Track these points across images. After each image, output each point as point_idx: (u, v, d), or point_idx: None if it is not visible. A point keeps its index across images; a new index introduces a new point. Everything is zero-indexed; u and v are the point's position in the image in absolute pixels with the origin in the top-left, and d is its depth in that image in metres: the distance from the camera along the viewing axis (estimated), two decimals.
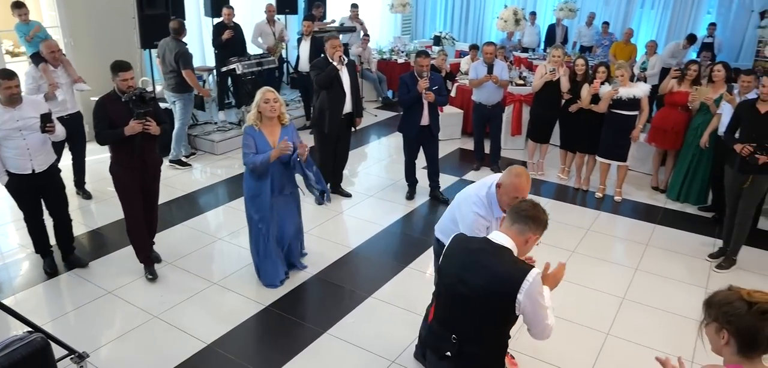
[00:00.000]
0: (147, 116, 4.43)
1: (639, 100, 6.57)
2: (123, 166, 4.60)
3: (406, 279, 5.03)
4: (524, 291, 2.33)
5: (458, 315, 2.51)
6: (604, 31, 12.47)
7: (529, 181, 3.15)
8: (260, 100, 4.39)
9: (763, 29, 11.13)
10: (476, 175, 7.62)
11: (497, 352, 2.57)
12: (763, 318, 1.79)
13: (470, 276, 2.45)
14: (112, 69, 4.48)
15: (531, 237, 2.52)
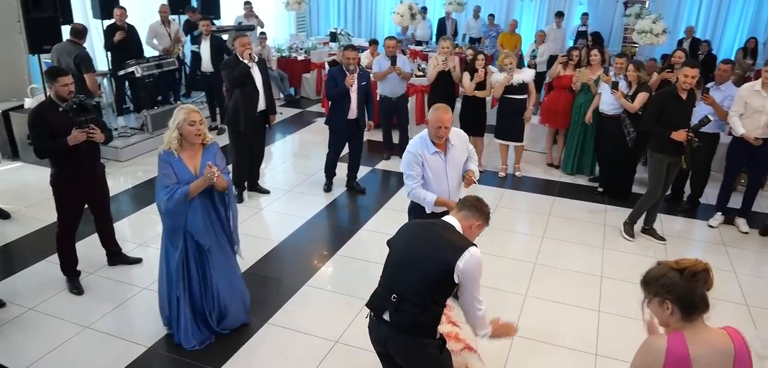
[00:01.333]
0: (89, 124, 4.24)
1: (527, 84, 7.20)
2: (68, 178, 4.40)
3: (336, 265, 5.23)
4: (465, 259, 2.61)
5: (402, 276, 2.71)
6: (490, 23, 13.27)
7: (447, 112, 3.82)
8: (183, 121, 3.65)
9: (627, 18, 12.35)
10: (387, 164, 7.94)
11: (430, 316, 2.72)
12: (694, 279, 2.03)
13: (420, 241, 2.74)
14: (49, 75, 4.30)
15: (474, 223, 2.84)
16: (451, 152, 4.01)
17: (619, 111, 6.81)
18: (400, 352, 2.77)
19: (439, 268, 2.64)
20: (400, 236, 2.89)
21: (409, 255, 2.73)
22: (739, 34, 12.95)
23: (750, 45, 11.06)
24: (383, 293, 2.77)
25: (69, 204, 4.51)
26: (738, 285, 5.10)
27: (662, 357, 2.02)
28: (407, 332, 2.70)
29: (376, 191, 7.14)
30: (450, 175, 4.03)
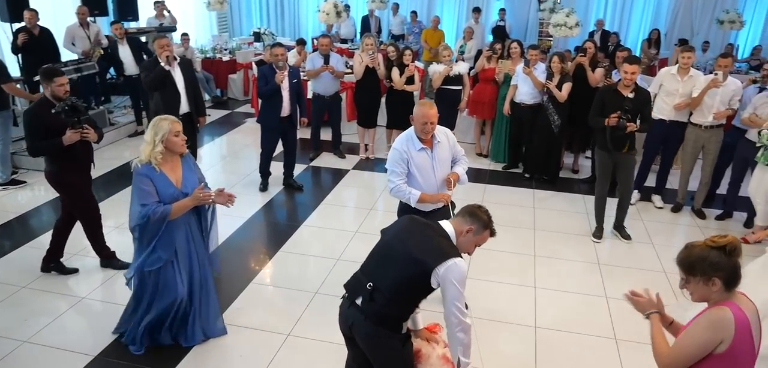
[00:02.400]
0: (83, 124, 4.37)
1: (462, 76, 7.49)
2: (72, 171, 4.55)
3: (279, 262, 5.26)
4: (446, 267, 2.62)
5: (381, 268, 2.76)
6: (412, 20, 13.57)
7: (432, 107, 3.82)
8: (168, 132, 3.52)
9: (542, 12, 12.97)
10: (320, 160, 8.01)
11: (399, 312, 2.78)
12: (734, 253, 2.24)
13: (408, 238, 2.77)
14: (45, 75, 4.40)
15: (464, 228, 2.83)
16: (438, 149, 3.96)
17: (538, 100, 7.25)
18: (363, 339, 2.82)
19: (418, 270, 2.67)
20: (393, 227, 2.93)
21: (393, 248, 2.78)
22: (642, 25, 13.91)
23: (653, 36, 11.91)
24: (361, 278, 2.81)
25: (82, 193, 4.69)
26: (656, 254, 5.57)
27: (732, 326, 2.15)
28: (374, 321, 2.73)
29: (313, 187, 7.20)
30: (437, 171, 3.96)
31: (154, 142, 3.50)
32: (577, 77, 7.10)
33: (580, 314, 4.49)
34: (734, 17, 12.19)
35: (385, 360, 2.84)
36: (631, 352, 4.10)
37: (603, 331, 4.34)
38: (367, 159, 8.12)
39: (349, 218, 6.33)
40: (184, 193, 3.61)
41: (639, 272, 5.25)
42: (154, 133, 3.52)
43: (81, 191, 4.68)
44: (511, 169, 7.78)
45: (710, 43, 12.49)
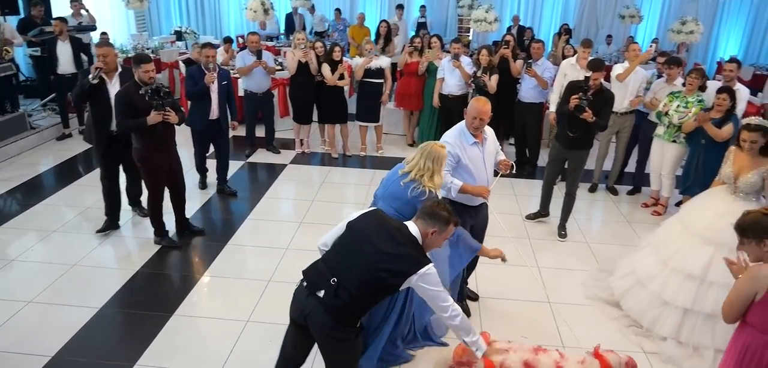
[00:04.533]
0: (165, 107, 4.87)
1: (384, 69, 7.82)
2: (150, 150, 5.05)
3: (230, 253, 5.37)
4: (419, 275, 2.72)
5: (348, 266, 2.76)
6: (337, 17, 13.78)
7: (486, 104, 3.91)
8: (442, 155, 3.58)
9: (461, 9, 13.54)
10: (257, 156, 8.08)
11: (362, 307, 2.84)
12: None
13: (381, 241, 2.77)
14: (134, 61, 4.93)
15: (429, 230, 2.84)
16: (487, 144, 4.11)
17: (465, 91, 7.72)
18: (319, 330, 2.83)
19: (389, 276, 2.74)
20: (361, 223, 2.89)
21: (363, 248, 2.77)
22: (553, 20, 14.80)
23: (563, 30, 12.71)
24: (324, 271, 2.81)
25: (156, 172, 5.17)
26: (577, 227, 6.11)
27: (767, 280, 2.57)
28: (334, 316, 2.76)
29: (253, 183, 7.30)
30: (488, 165, 4.13)
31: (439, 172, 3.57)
32: (500, 69, 7.60)
33: (518, 283, 4.89)
34: (634, 12, 13.24)
35: (338, 351, 2.89)
36: (562, 311, 4.58)
37: (538, 296, 4.78)
38: (303, 153, 8.28)
39: (292, 210, 6.50)
40: None
41: (565, 244, 5.76)
42: (438, 163, 3.54)
43: (156, 169, 5.16)
44: None
45: (613, 36, 13.52)
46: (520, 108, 7.65)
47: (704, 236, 4.13)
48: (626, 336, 4.28)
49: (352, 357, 2.98)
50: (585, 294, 4.84)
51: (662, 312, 4.21)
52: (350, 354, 2.93)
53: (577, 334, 4.22)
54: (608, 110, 5.68)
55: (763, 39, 14.39)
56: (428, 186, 3.49)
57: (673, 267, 4.21)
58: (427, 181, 3.49)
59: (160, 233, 5.45)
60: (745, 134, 4.16)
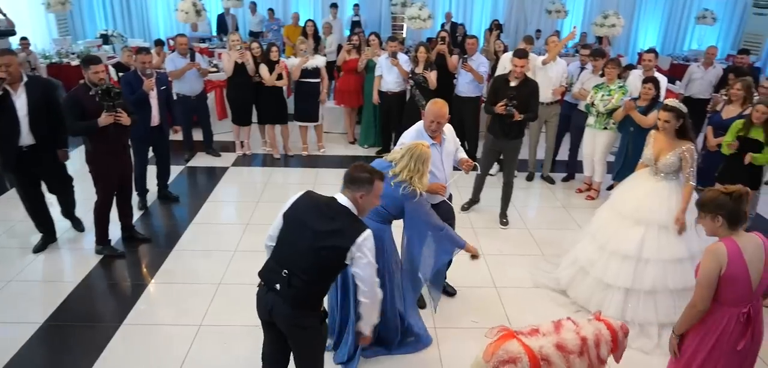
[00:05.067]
0: (117, 108, 4.77)
1: (320, 69, 7.87)
2: (101, 154, 4.93)
3: (177, 259, 5.27)
4: (357, 244, 2.73)
5: (296, 254, 2.81)
6: (270, 17, 13.65)
7: (444, 106, 4.03)
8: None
9: (394, 7, 13.70)
10: (196, 160, 7.93)
11: (318, 291, 2.90)
12: (740, 200, 2.79)
13: (315, 222, 2.80)
14: (83, 63, 4.82)
15: (358, 195, 2.87)
16: (445, 144, 4.19)
17: (403, 87, 7.86)
18: (284, 321, 2.90)
19: (332, 254, 2.78)
20: (295, 210, 2.91)
21: (302, 234, 2.81)
22: (483, 16, 15.21)
23: (494, 25, 13.10)
24: (275, 267, 2.88)
25: (106, 176, 5.05)
26: (518, 215, 6.36)
27: (725, 255, 2.75)
28: (294, 304, 2.82)
29: (195, 187, 7.17)
30: (446, 165, 4.22)
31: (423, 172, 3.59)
32: (436, 64, 7.78)
33: (466, 270, 5.04)
34: (559, 7, 13.79)
35: (304, 340, 2.96)
36: (509, 295, 4.78)
37: (485, 282, 4.96)
38: (244, 155, 8.19)
39: (238, 212, 6.44)
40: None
41: (507, 232, 5.99)
42: (421, 162, 3.57)
43: (107, 174, 5.04)
44: (384, 153, 8.28)
45: (542, 31, 14.01)
46: (458, 102, 7.85)
47: (634, 217, 4.40)
48: (564, 308, 4.52)
49: (318, 345, 3.05)
50: (533, 283, 5.04)
51: (606, 295, 4.45)
52: (316, 341, 3.01)
53: (527, 318, 4.42)
54: (535, 100, 5.91)
55: (679, 30, 15.31)
56: (418, 187, 3.55)
57: (610, 251, 4.46)
58: (417, 181, 3.55)
59: (102, 241, 5.26)
60: (662, 113, 4.45)
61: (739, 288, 2.80)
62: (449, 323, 4.41)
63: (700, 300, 2.85)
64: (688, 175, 4.29)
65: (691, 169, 4.27)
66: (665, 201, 4.33)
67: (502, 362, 2.94)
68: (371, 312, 2.99)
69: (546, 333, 3.10)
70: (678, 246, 4.25)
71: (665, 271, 4.24)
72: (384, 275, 3.69)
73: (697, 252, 4.20)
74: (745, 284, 2.80)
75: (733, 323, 2.85)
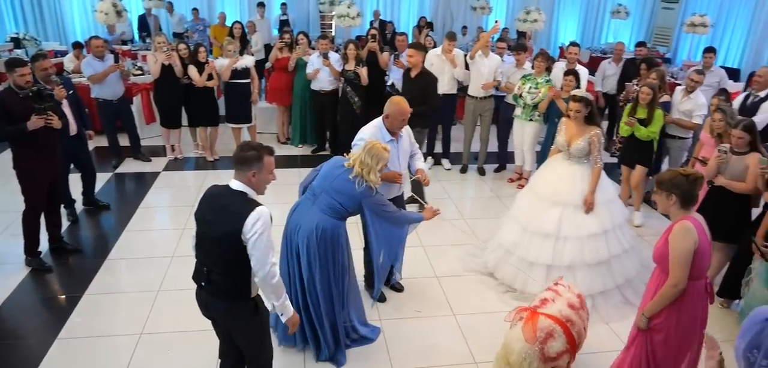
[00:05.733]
0: (47, 111, 4.58)
1: (249, 69, 7.82)
2: (30, 159, 4.72)
3: (111, 269, 5.09)
4: (248, 225, 2.70)
5: (207, 250, 2.88)
6: (195, 17, 13.33)
7: (405, 102, 4.14)
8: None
9: (322, 5, 13.68)
10: (124, 166, 7.66)
11: (237, 279, 2.86)
12: (695, 183, 2.91)
13: (209, 215, 2.85)
14: (8, 65, 4.65)
15: (249, 174, 2.83)
16: (402, 141, 4.32)
17: (336, 86, 7.91)
18: (219, 315, 3.00)
19: (230, 240, 2.75)
20: (200, 208, 2.95)
21: (205, 230, 2.87)
22: (411, 14, 15.43)
23: (422, 23, 13.33)
24: (198, 265, 2.96)
25: (35, 184, 4.82)
26: (455, 206, 6.55)
27: (695, 231, 2.87)
28: (221, 297, 2.89)
29: (126, 193, 6.93)
30: (401, 160, 4.36)
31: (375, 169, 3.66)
32: (368, 62, 7.87)
33: (408, 262, 5.13)
34: (484, 4, 14.18)
35: (241, 329, 3.01)
36: (449, 283, 4.93)
37: (426, 272, 5.08)
38: (176, 159, 7.98)
39: (172, 217, 6.27)
40: None
41: (445, 223, 6.13)
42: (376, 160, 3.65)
43: (36, 181, 4.82)
44: (319, 151, 8.31)
45: (468, 28, 14.40)
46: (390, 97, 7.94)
47: (552, 199, 4.76)
48: (505, 301, 4.69)
49: (257, 332, 3.06)
50: (463, 269, 5.23)
51: (530, 273, 4.71)
52: (253, 329, 3.02)
53: (469, 303, 4.59)
54: (432, 91, 6.26)
55: (596, 24, 16.09)
56: (370, 181, 3.64)
57: (532, 231, 4.77)
58: (368, 176, 3.62)
59: (32, 253, 5.00)
60: (572, 104, 4.80)
61: (703, 262, 2.95)
62: (394, 314, 4.50)
63: (681, 278, 2.90)
64: (596, 157, 4.67)
65: (599, 153, 4.66)
66: (579, 182, 4.72)
67: (544, 340, 3.24)
68: (270, 293, 2.91)
69: (553, 299, 3.45)
70: (592, 223, 4.63)
71: (582, 247, 4.60)
72: (336, 272, 3.76)
73: (609, 228, 4.67)
74: (709, 257, 2.98)
75: (702, 294, 3.01)
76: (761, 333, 1.64)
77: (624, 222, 4.90)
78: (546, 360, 3.27)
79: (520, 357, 3.26)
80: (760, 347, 1.62)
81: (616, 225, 4.76)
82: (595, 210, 4.66)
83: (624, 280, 4.76)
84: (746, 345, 1.66)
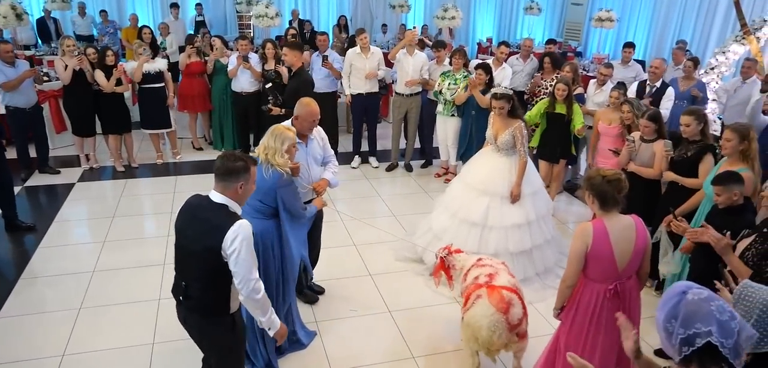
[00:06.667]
0: None
1: (163, 72, 7.61)
2: None
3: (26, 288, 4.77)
4: (229, 239, 2.60)
5: (185, 263, 2.80)
6: (104, 20, 12.70)
7: (314, 103, 3.97)
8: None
9: (239, 5, 13.39)
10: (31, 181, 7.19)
11: (215, 295, 2.77)
12: (609, 183, 2.92)
13: (189, 229, 2.75)
14: None
15: (237, 186, 2.73)
16: (312, 145, 4.10)
17: (258, 87, 7.78)
18: (194, 330, 2.92)
19: (210, 255, 2.66)
20: (179, 219, 2.84)
21: (184, 244, 2.78)
22: (330, 13, 15.39)
23: (342, 21, 13.37)
24: (177, 278, 2.86)
25: None
26: (383, 202, 6.62)
27: (591, 233, 2.92)
28: (198, 312, 2.81)
29: (39, 208, 6.53)
30: (311, 165, 4.09)
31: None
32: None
33: (341, 262, 5.14)
34: (403, 2, 14.32)
35: (216, 347, 2.93)
36: (382, 280, 4.99)
37: (359, 271, 5.11)
38: (92, 169, 7.57)
39: (91, 230, 5.92)
40: None
41: (375, 219, 6.19)
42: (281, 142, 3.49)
43: None
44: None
45: (388, 25, 14.52)
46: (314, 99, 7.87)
47: (480, 189, 4.98)
48: (438, 294, 4.76)
49: (234, 350, 2.97)
50: (395, 258, 5.34)
51: None
52: (229, 346, 2.92)
53: (400, 299, 4.66)
54: (305, 91, 6.18)
55: (511, 20, 16.64)
56: (276, 164, 3.46)
57: (460, 219, 4.99)
58: (273, 157, 3.45)
59: None
60: (494, 102, 5.00)
61: (604, 266, 2.98)
62: (329, 315, 4.50)
63: (569, 276, 3.05)
64: (521, 150, 4.90)
65: (523, 145, 4.90)
66: (506, 174, 4.96)
67: (506, 310, 3.42)
68: (255, 310, 2.83)
69: (497, 272, 3.69)
70: (517, 214, 4.89)
71: (506, 236, 4.84)
72: (270, 274, 3.64)
73: (533, 219, 4.93)
74: (610, 262, 2.97)
75: (601, 298, 3.06)
76: (678, 304, 1.76)
77: (547, 214, 5.15)
78: (511, 328, 3.44)
79: (490, 331, 3.39)
80: (677, 317, 1.75)
81: (540, 216, 5.01)
82: (521, 201, 4.89)
83: (544, 269, 5.02)
84: (665, 316, 1.79)
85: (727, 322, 1.68)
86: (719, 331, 1.67)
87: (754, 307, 1.99)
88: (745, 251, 3.09)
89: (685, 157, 4.49)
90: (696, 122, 4.45)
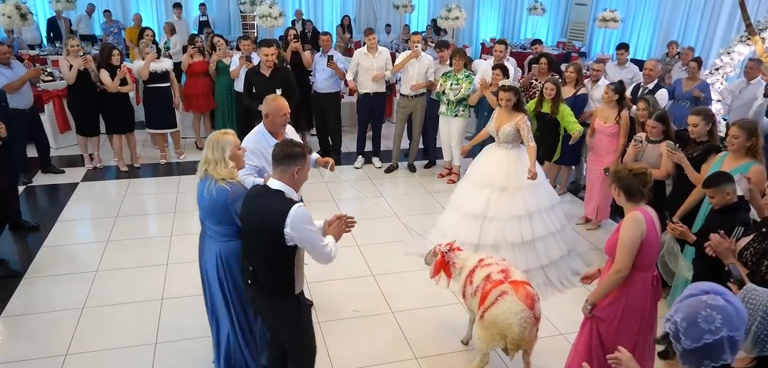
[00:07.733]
0: None
1: (169, 72, 7.61)
2: None
3: (29, 288, 4.77)
4: (289, 223, 2.72)
5: (250, 249, 2.95)
6: (108, 20, 12.74)
7: (280, 98, 3.83)
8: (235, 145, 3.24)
9: (243, 5, 13.40)
10: (35, 181, 7.21)
11: (282, 275, 2.89)
12: (635, 177, 2.99)
13: (250, 216, 2.90)
14: None
15: (293, 170, 2.84)
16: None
17: None
18: (263, 311, 3.10)
19: (272, 238, 2.77)
20: (243, 207, 2.98)
21: (247, 231, 2.95)
22: (334, 13, 15.39)
23: (345, 21, 13.37)
24: (244, 263, 3.01)
25: None
26: (387, 203, 6.60)
27: (644, 220, 2.95)
28: (265, 294, 2.97)
29: (42, 208, 6.54)
30: None
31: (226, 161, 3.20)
32: (291, 63, 7.82)
33: (344, 264, 5.11)
34: (406, 2, 14.33)
35: (283, 325, 3.07)
36: (385, 281, 4.98)
37: (363, 272, 5.10)
38: (96, 169, 7.58)
39: (95, 230, 5.93)
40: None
41: (378, 219, 6.18)
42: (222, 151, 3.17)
43: None
44: None
45: (392, 26, 14.52)
46: (318, 99, 7.90)
47: (481, 182, 5.10)
48: (441, 295, 4.71)
49: (301, 329, 3.10)
50: (405, 252, 5.44)
51: None
52: (297, 326, 3.06)
53: (403, 300, 4.66)
54: (292, 83, 6.50)
55: (514, 21, 16.62)
56: (217, 176, 3.13)
57: (463, 213, 5.12)
58: (215, 170, 3.14)
59: None
60: (501, 94, 5.10)
61: (652, 254, 3.04)
62: (332, 316, 4.49)
63: (624, 266, 2.99)
64: (527, 138, 5.01)
65: (528, 134, 5.00)
66: (505, 166, 5.05)
67: (532, 306, 3.50)
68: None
69: (509, 268, 3.73)
70: (516, 205, 4.96)
71: (505, 227, 4.91)
72: (232, 302, 3.40)
73: (534, 211, 4.99)
74: (656, 249, 3.09)
75: (647, 286, 3.09)
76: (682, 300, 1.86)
77: (551, 207, 5.16)
78: (536, 322, 3.51)
79: (521, 327, 3.42)
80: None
81: (542, 208, 5.06)
82: (521, 193, 4.96)
83: (548, 261, 5.02)
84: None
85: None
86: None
87: (757, 310, 2.00)
88: (744, 250, 3.11)
89: (691, 158, 4.47)
90: (704, 122, 4.44)
